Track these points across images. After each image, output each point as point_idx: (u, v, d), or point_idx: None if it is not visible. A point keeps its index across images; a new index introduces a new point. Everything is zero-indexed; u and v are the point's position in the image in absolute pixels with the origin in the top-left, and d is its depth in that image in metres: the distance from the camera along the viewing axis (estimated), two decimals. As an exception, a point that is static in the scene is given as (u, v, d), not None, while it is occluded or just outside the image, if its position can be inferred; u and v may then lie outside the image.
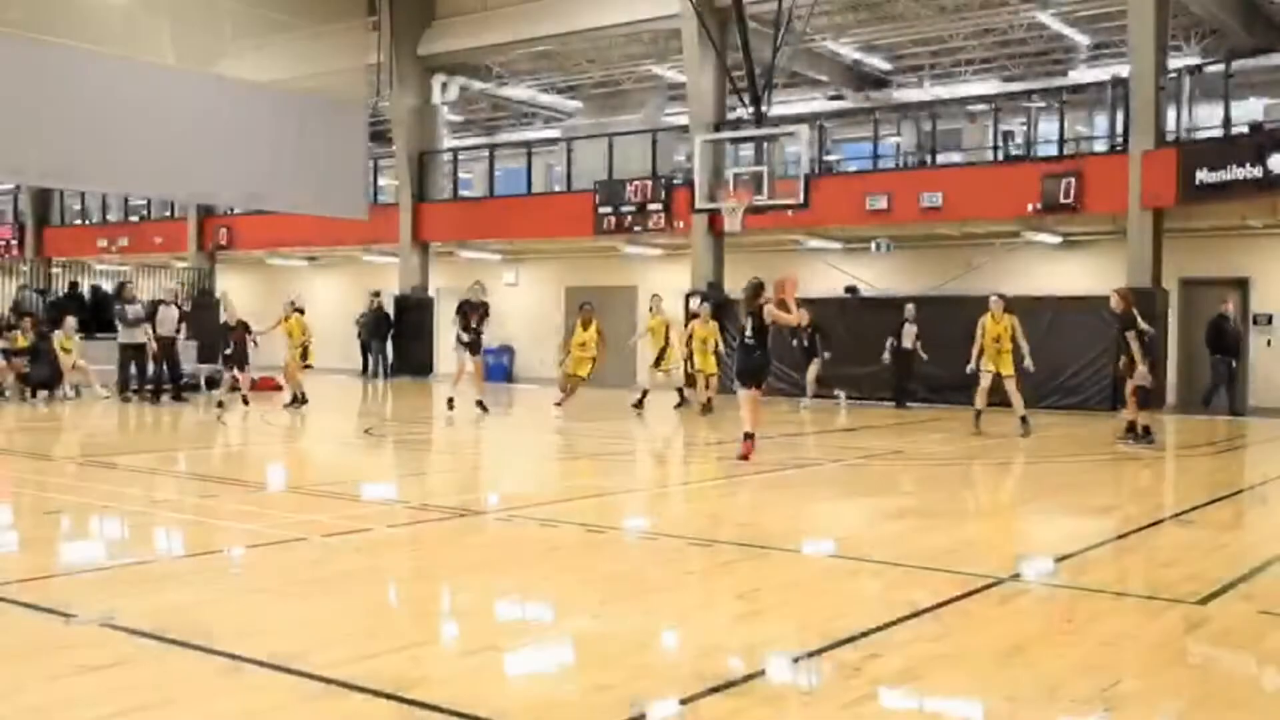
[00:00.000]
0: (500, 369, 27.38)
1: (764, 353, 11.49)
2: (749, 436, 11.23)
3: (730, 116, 22.30)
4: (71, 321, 19.07)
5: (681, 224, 22.72)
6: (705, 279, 22.14)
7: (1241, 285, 20.23)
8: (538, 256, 28.17)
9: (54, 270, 26.02)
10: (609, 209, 23.60)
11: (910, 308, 18.93)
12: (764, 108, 17.80)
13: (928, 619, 4.97)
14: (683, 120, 25.04)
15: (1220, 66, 18.87)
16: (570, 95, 29.67)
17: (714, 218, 20.69)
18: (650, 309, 17.95)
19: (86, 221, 35.78)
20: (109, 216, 35.19)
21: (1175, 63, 19.65)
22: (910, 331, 18.77)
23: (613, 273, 26.01)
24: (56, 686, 3.90)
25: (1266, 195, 17.22)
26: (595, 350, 16.65)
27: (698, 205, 18.20)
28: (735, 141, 19.04)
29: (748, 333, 11.53)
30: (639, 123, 26.09)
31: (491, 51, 26.30)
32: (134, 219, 34.84)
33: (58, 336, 18.62)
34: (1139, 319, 12.99)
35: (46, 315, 20.60)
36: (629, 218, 23.36)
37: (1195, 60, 21.21)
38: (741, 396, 11.63)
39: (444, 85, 27.19)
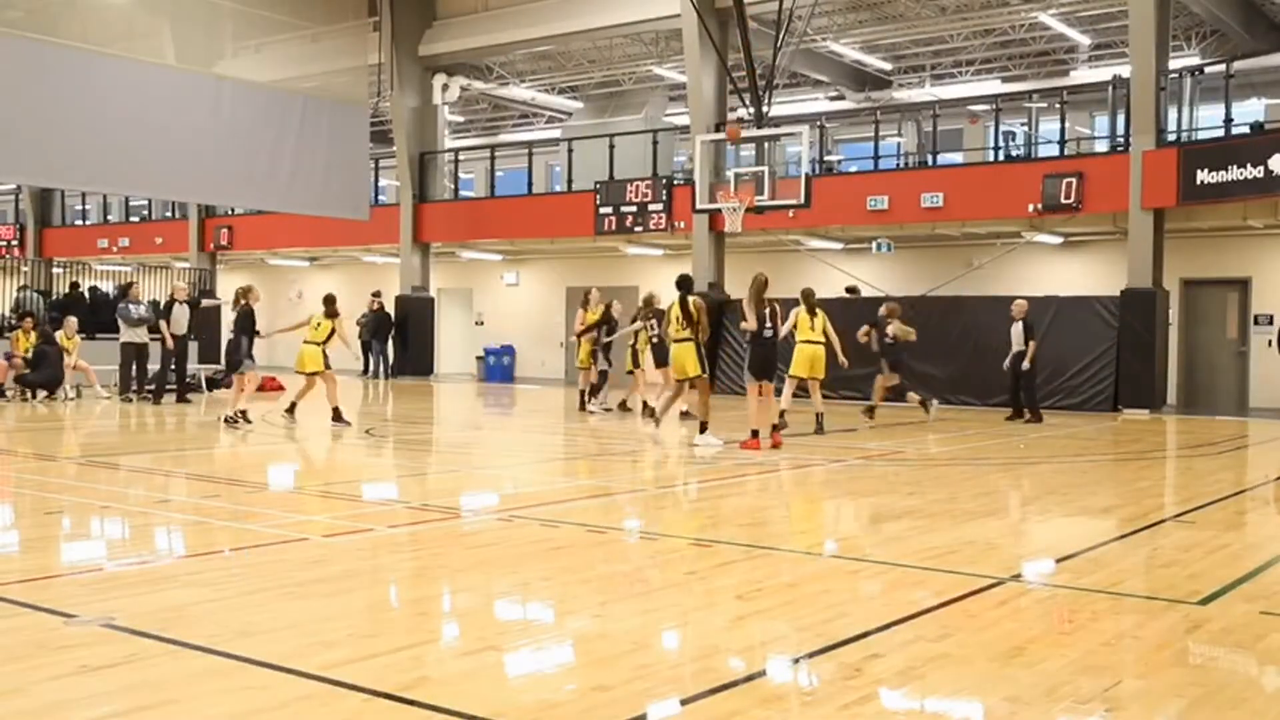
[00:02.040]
0: (502, 369, 27.42)
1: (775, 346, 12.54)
2: (757, 434, 12.00)
3: (731, 116, 22.29)
4: (72, 321, 19.08)
5: (682, 224, 22.74)
6: (706, 279, 22.14)
7: (1242, 285, 20.23)
8: (538, 257, 28.18)
9: (55, 270, 25.99)
10: (609, 209, 23.61)
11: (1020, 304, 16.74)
12: (764, 108, 17.79)
13: (928, 619, 4.97)
14: (683, 120, 25.05)
15: (1221, 67, 18.87)
16: (570, 95, 29.69)
17: (714, 218, 20.69)
18: (585, 303, 17.47)
19: (87, 221, 35.81)
20: (109, 216, 35.27)
21: (1176, 63, 19.64)
22: (1018, 332, 16.13)
23: (613, 273, 26.01)
24: (56, 686, 3.90)
25: (1267, 196, 17.23)
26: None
27: (698, 205, 18.19)
28: (736, 142, 19.02)
29: (766, 324, 12.03)
30: (639, 123, 26.09)
31: (492, 51, 26.32)
32: (135, 219, 34.93)
33: (58, 336, 18.64)
34: (900, 326, 15.19)
35: (48, 316, 20.60)
36: (629, 218, 23.37)
37: (1196, 60, 21.22)
38: (765, 391, 12.53)
39: (444, 85, 27.20)
